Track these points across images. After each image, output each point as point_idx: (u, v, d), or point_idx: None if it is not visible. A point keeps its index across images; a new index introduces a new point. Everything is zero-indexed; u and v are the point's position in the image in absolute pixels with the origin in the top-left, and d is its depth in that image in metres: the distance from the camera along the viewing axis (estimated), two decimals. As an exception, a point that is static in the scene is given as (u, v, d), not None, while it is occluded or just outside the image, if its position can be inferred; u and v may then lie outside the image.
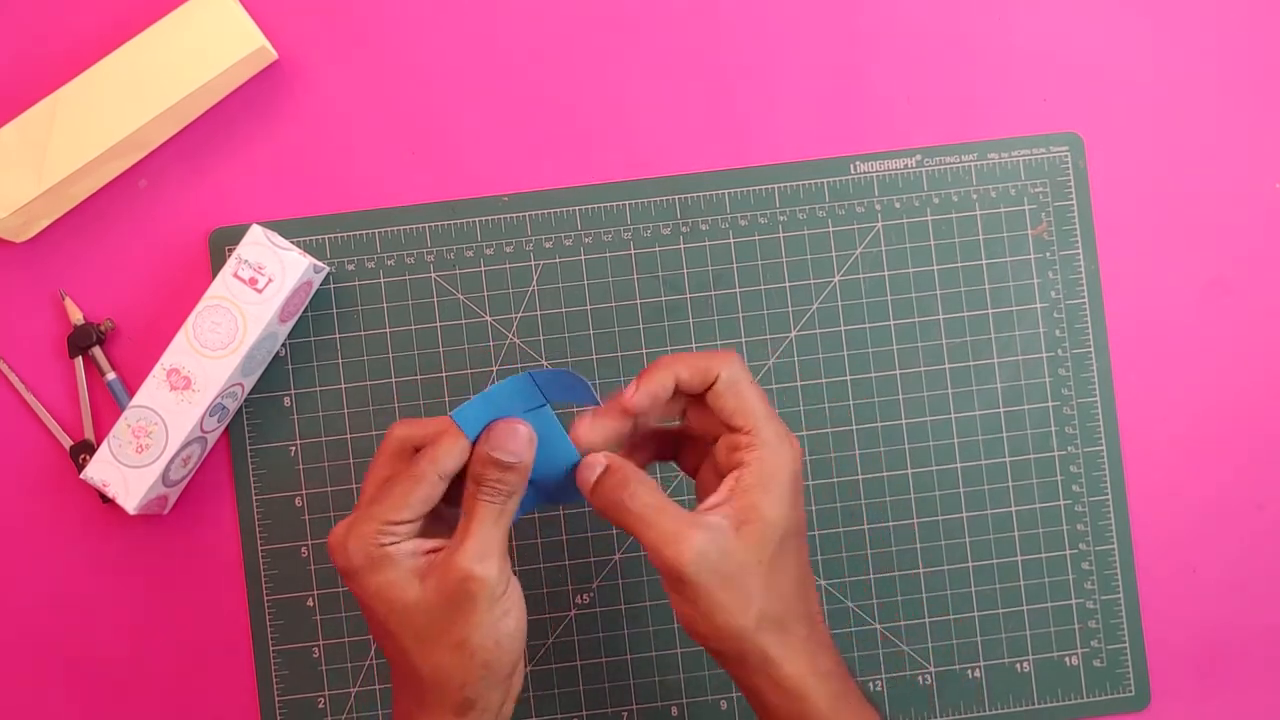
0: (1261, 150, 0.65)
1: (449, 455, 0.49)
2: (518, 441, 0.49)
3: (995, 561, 0.63)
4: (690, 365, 0.49)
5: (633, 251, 0.64)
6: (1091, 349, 0.64)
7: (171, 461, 0.58)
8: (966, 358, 0.64)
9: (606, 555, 0.63)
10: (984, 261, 0.64)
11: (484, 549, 0.48)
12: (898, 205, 0.64)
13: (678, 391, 0.50)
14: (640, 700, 0.63)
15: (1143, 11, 0.65)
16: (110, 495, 0.58)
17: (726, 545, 0.47)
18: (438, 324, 0.63)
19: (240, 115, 0.63)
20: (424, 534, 0.49)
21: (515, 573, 0.49)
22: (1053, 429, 0.64)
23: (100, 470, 0.58)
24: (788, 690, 0.49)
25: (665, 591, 0.49)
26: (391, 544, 0.48)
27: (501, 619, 0.48)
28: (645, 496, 0.48)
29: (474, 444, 0.49)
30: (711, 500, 0.49)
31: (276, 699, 0.62)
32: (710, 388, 0.49)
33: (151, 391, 0.58)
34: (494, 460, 0.48)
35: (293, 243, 0.61)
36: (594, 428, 0.50)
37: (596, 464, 0.49)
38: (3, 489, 0.63)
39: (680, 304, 0.63)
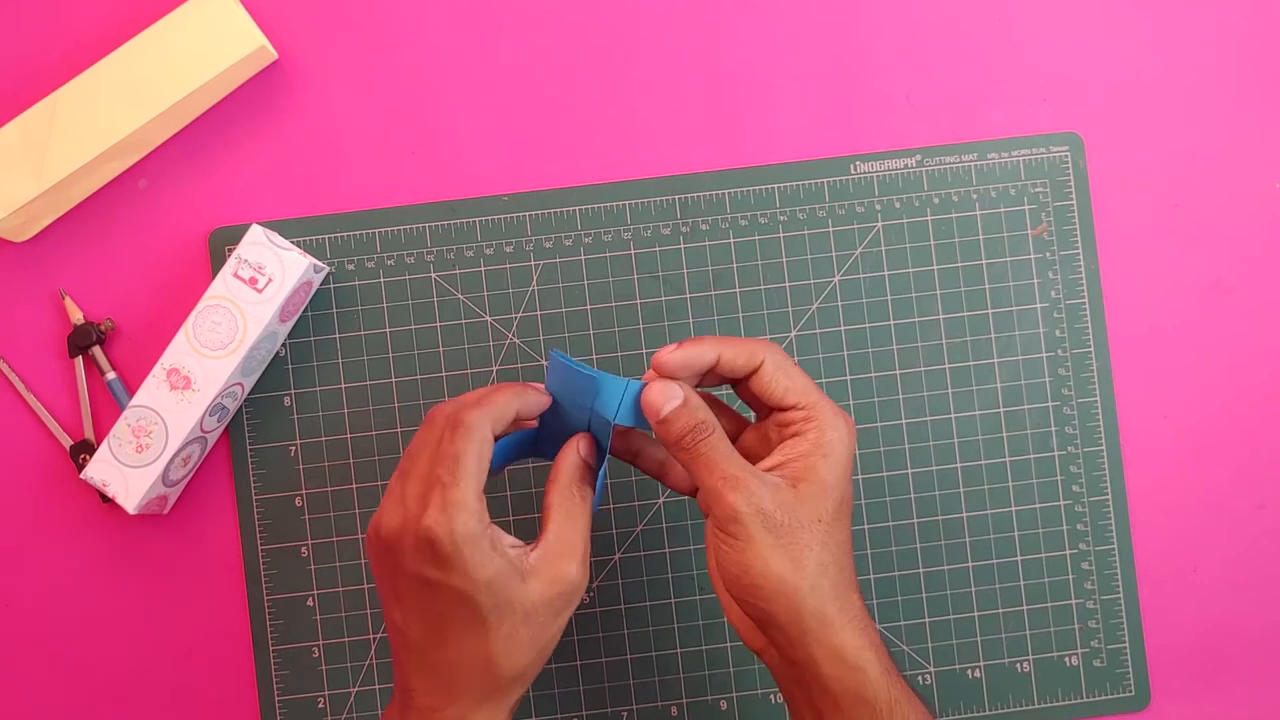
0: (1261, 150, 0.65)
1: (502, 410, 0.48)
2: (594, 453, 0.51)
3: (995, 561, 0.63)
4: (736, 347, 0.50)
5: (633, 251, 0.64)
6: (1091, 349, 0.64)
7: (171, 461, 0.58)
8: (966, 358, 0.64)
9: (607, 555, 0.63)
10: (984, 261, 0.64)
11: (586, 556, 0.49)
12: (898, 205, 0.64)
13: (713, 372, 0.50)
14: (640, 700, 0.63)
15: (1143, 11, 0.65)
16: (110, 495, 0.58)
17: (784, 497, 0.47)
18: (438, 324, 0.63)
19: (240, 115, 0.63)
20: None
21: None
22: (1053, 429, 0.64)
23: (100, 470, 0.58)
24: (846, 659, 0.47)
25: (713, 547, 0.49)
26: (487, 522, 0.47)
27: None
28: (716, 439, 0.49)
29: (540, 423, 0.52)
30: (767, 463, 0.49)
31: (276, 699, 0.62)
32: (756, 372, 0.50)
33: (151, 391, 0.58)
34: (587, 464, 0.51)
35: (293, 243, 0.61)
36: (677, 353, 0.49)
37: (673, 395, 0.49)
38: (3, 489, 0.63)
39: (680, 304, 0.63)
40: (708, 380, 0.51)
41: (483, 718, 0.48)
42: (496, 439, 0.49)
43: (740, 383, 0.51)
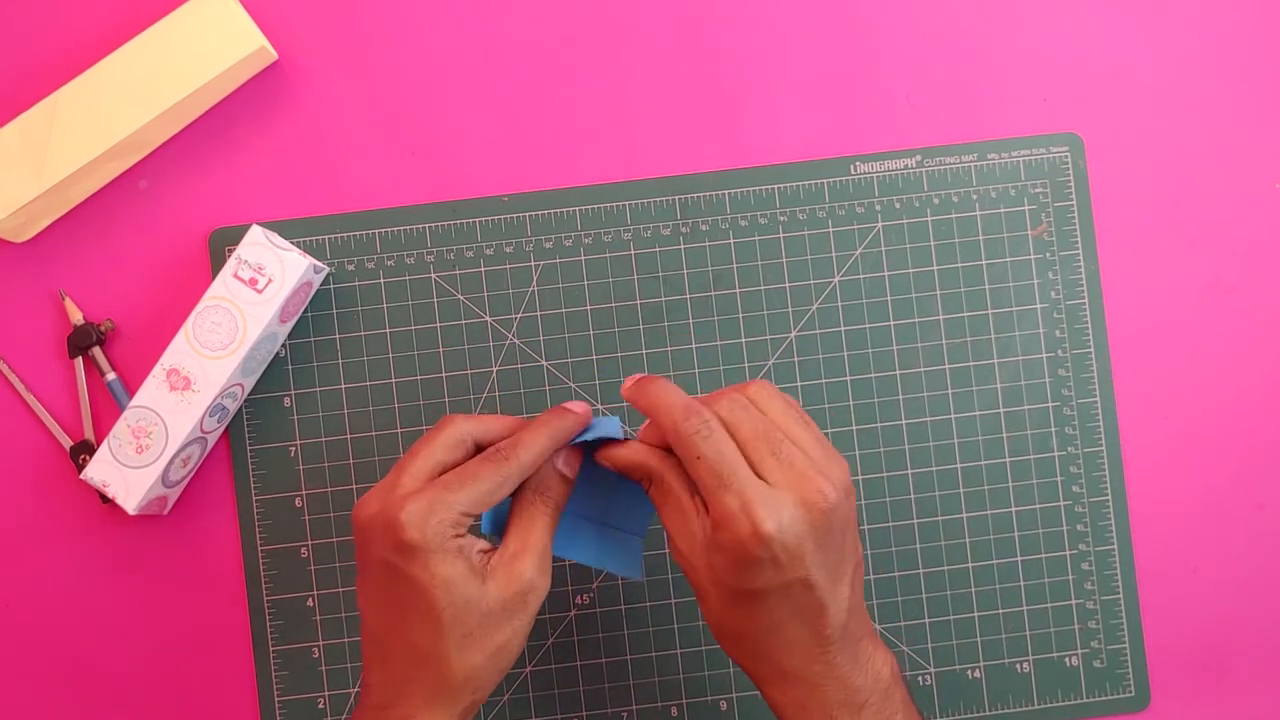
0: (1261, 150, 0.65)
1: (533, 457, 0.50)
2: (577, 461, 0.52)
3: (995, 562, 0.63)
4: (658, 417, 0.49)
5: (633, 252, 0.64)
6: (1091, 349, 0.64)
7: (171, 462, 0.58)
8: (966, 358, 0.64)
9: (606, 555, 0.63)
10: (984, 262, 0.64)
11: (543, 560, 0.49)
12: (898, 205, 0.64)
13: None
14: (640, 700, 0.63)
15: (1143, 12, 0.65)
16: (110, 495, 0.58)
17: (693, 566, 0.49)
18: (438, 324, 0.63)
19: (240, 115, 0.63)
20: None
21: None
22: (1053, 429, 0.64)
23: (100, 470, 0.58)
24: (777, 707, 0.50)
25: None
26: (462, 534, 0.48)
27: (529, 630, 0.49)
28: (665, 490, 0.50)
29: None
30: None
31: (276, 699, 0.62)
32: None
33: (151, 392, 0.58)
34: (559, 473, 0.51)
35: (293, 243, 0.61)
36: (632, 389, 0.51)
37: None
38: (3, 489, 0.63)
39: (680, 304, 0.63)
40: None
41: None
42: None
43: None
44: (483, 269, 0.63)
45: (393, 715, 0.48)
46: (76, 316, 0.62)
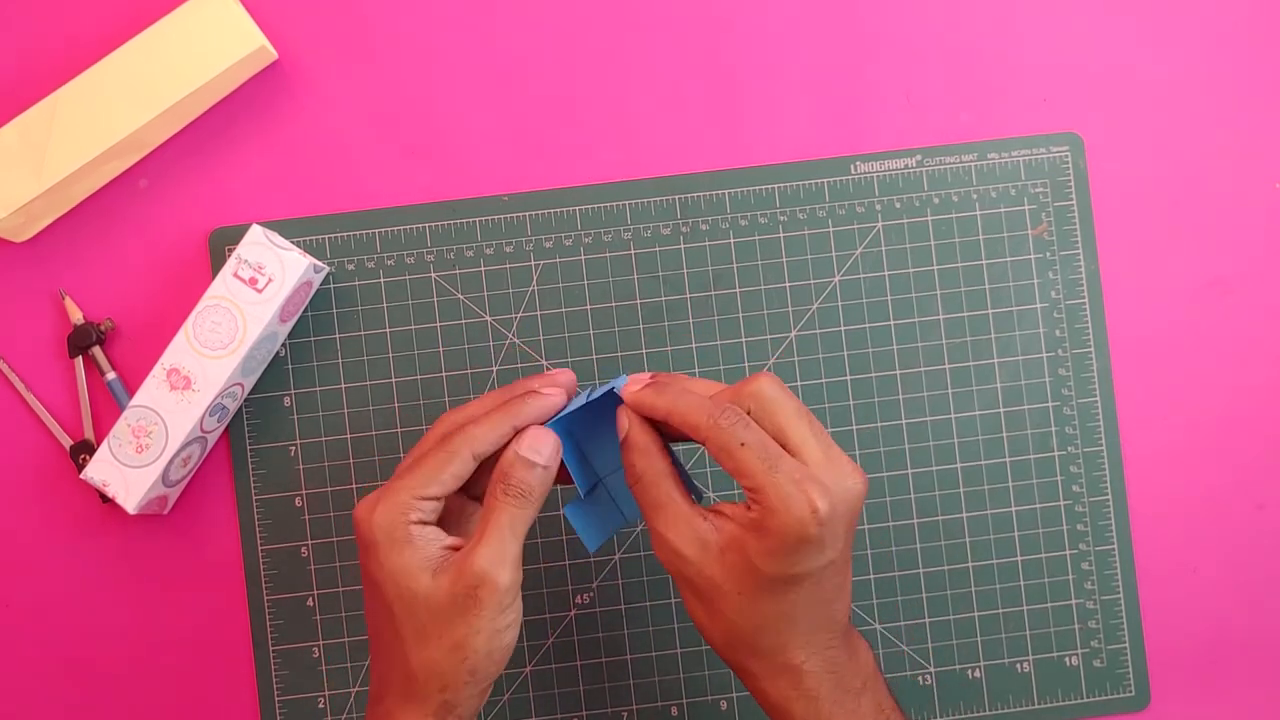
0: (1261, 150, 0.65)
1: (484, 435, 0.49)
2: (547, 445, 0.49)
3: (995, 561, 0.63)
4: (683, 417, 0.48)
5: (633, 251, 0.64)
6: (1091, 349, 0.64)
7: (171, 461, 0.58)
8: (966, 358, 0.64)
9: (607, 555, 0.63)
10: (984, 261, 0.64)
11: (500, 554, 0.47)
12: (898, 205, 0.64)
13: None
14: (640, 700, 0.63)
15: (1143, 11, 0.65)
16: (110, 495, 0.58)
17: (704, 561, 0.47)
18: (438, 324, 0.63)
19: (240, 115, 0.63)
20: (449, 529, 0.50)
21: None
22: (1053, 429, 0.64)
23: (100, 470, 0.58)
24: (772, 703, 0.50)
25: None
26: (417, 521, 0.48)
27: (503, 630, 0.48)
28: (658, 485, 0.49)
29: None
30: (727, 508, 0.48)
31: (276, 699, 0.62)
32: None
33: (151, 391, 0.58)
34: (521, 459, 0.48)
35: (293, 243, 0.61)
36: (638, 394, 0.50)
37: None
38: (3, 489, 0.63)
39: (680, 304, 0.63)
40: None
41: (407, 718, 0.48)
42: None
43: None
44: (483, 269, 0.63)
45: (380, 710, 0.49)
46: (76, 316, 0.62)
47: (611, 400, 0.50)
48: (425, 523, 0.48)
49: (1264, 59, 0.65)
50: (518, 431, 0.49)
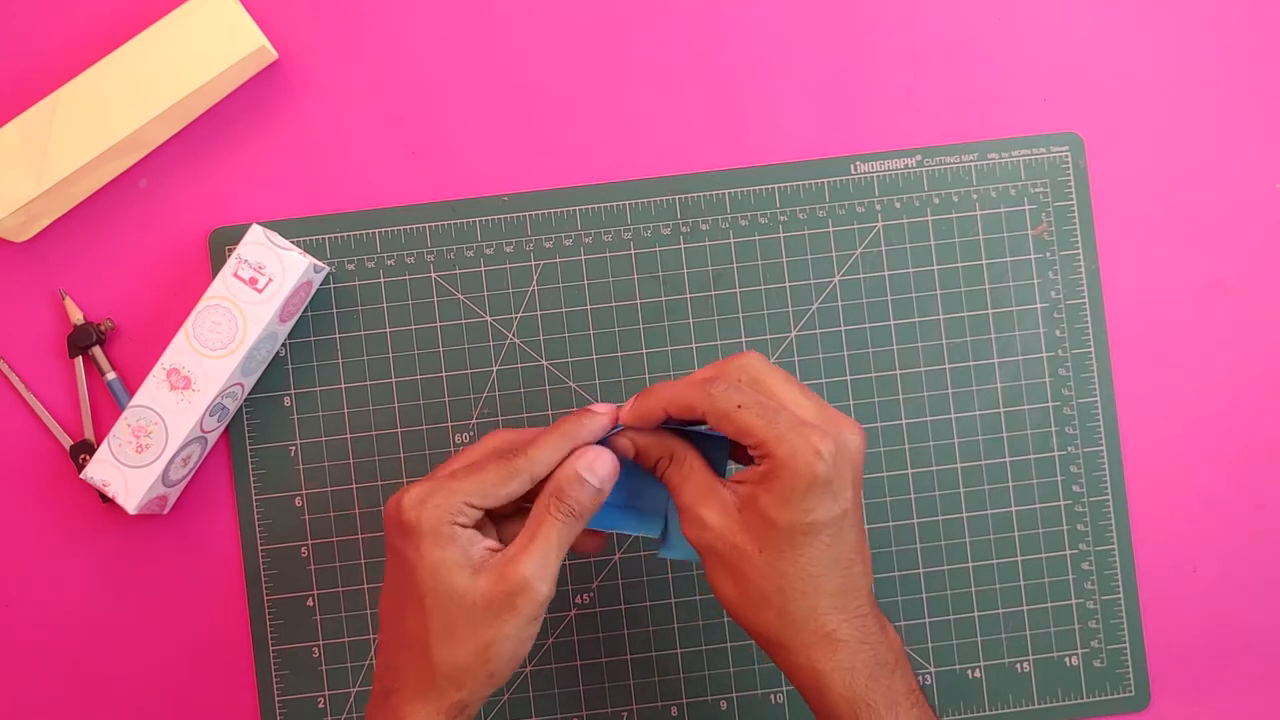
0: (1261, 150, 0.65)
1: (544, 457, 0.49)
2: (604, 466, 0.49)
3: (995, 561, 0.63)
4: (676, 402, 0.49)
5: (633, 251, 0.64)
6: (1091, 349, 0.64)
7: (171, 461, 0.58)
8: (966, 358, 0.64)
9: (606, 555, 0.63)
10: (984, 261, 0.64)
11: (544, 566, 0.48)
12: (898, 205, 0.64)
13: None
14: (640, 700, 0.63)
15: (1143, 12, 0.65)
16: (110, 495, 0.58)
17: (726, 527, 0.48)
18: (438, 324, 0.63)
19: (240, 115, 0.63)
20: (483, 530, 0.50)
21: None
22: (1053, 429, 0.64)
23: (100, 470, 0.58)
24: (802, 677, 0.50)
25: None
26: (462, 524, 0.48)
27: (528, 639, 0.49)
28: (679, 467, 0.50)
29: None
30: (741, 474, 0.49)
31: (276, 699, 0.62)
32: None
33: (151, 391, 0.58)
34: (579, 478, 0.49)
35: (293, 243, 0.61)
36: (631, 413, 0.51)
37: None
38: (3, 489, 0.63)
39: (680, 304, 0.63)
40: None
41: (417, 714, 0.48)
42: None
43: None
44: (483, 269, 0.63)
45: (389, 703, 0.49)
46: (76, 316, 0.62)
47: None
48: (466, 526, 0.49)
49: (1264, 59, 0.65)
50: (574, 450, 0.50)
